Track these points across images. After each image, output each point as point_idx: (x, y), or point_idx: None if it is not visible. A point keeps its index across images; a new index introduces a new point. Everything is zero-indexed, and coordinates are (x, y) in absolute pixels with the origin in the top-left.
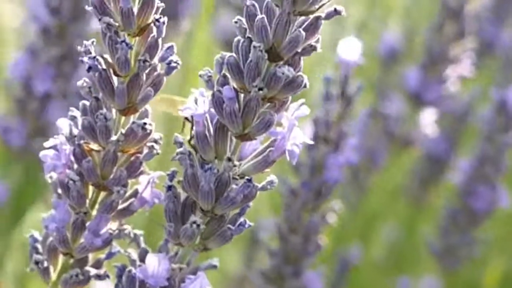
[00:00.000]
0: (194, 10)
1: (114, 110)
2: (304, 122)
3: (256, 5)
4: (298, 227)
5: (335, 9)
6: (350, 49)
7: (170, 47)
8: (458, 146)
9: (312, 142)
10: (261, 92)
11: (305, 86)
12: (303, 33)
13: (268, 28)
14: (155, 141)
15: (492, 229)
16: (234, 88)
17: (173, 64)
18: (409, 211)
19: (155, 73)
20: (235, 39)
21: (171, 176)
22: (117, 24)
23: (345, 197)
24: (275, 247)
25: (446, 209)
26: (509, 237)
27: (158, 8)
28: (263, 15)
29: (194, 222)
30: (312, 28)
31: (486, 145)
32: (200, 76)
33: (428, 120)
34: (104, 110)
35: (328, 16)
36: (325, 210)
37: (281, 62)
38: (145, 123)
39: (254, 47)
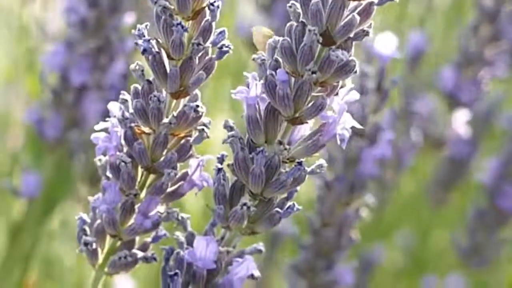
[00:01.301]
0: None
1: (165, 94)
2: None
3: None
4: (331, 221)
5: None
6: (386, 43)
7: (222, 32)
8: (481, 147)
9: (362, 127)
10: (314, 75)
11: (356, 71)
12: (357, 17)
13: (323, 12)
14: (205, 125)
15: None
16: (287, 71)
17: (225, 49)
18: (430, 213)
19: (207, 57)
20: (288, 24)
21: (221, 159)
22: (172, 7)
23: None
24: (307, 241)
25: (473, 208)
26: None
27: None
28: (318, 0)
29: (245, 204)
30: (365, 13)
31: None
32: (253, 59)
33: (461, 121)
34: (157, 93)
35: (381, 2)
36: (358, 204)
37: (334, 46)
38: (197, 106)
39: (309, 30)
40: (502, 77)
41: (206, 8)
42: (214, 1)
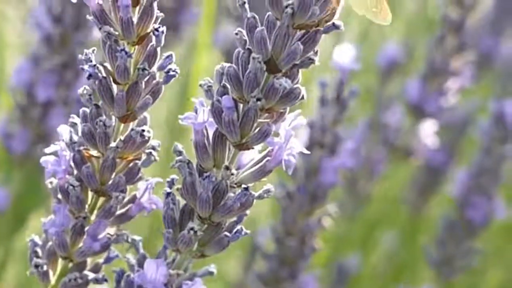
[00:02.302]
0: (195, 20)
1: (113, 117)
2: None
3: (257, 17)
4: (294, 230)
5: (333, 24)
6: (345, 55)
7: (169, 56)
8: (457, 156)
9: (308, 152)
10: (259, 102)
11: (302, 98)
12: (301, 46)
13: (268, 40)
14: (153, 148)
15: (489, 240)
16: (233, 98)
17: (172, 73)
18: (408, 220)
19: (154, 81)
20: (236, 50)
21: (170, 183)
22: (117, 33)
23: (343, 206)
24: (272, 250)
25: (444, 219)
26: (506, 248)
27: (157, 17)
28: (263, 27)
29: (192, 229)
30: (311, 41)
31: (484, 157)
32: (200, 86)
33: (428, 132)
34: (104, 117)
35: (327, 30)
36: (320, 213)
37: (280, 74)
38: (143, 130)
39: (253, 58)
40: (468, 87)
41: (151, 34)
42: (159, 27)
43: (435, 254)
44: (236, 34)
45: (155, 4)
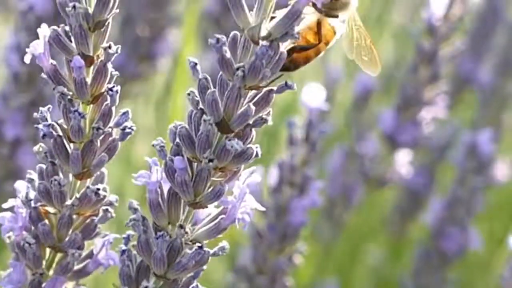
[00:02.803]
0: (171, 50)
1: (70, 174)
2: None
3: (209, 78)
4: (265, 268)
5: (286, 83)
6: (314, 95)
7: (125, 113)
8: (436, 181)
9: (263, 209)
10: (211, 163)
11: (256, 155)
12: (253, 108)
13: (219, 101)
14: (111, 203)
15: (462, 270)
16: (187, 157)
17: (128, 130)
18: (389, 245)
19: (110, 139)
20: (189, 110)
21: (126, 240)
22: (71, 93)
23: (320, 233)
24: None
25: (419, 248)
26: (478, 278)
27: (112, 76)
28: (215, 89)
29: (146, 287)
30: (264, 101)
31: (458, 187)
32: (153, 145)
33: (403, 161)
34: (59, 176)
35: (280, 90)
36: (291, 251)
37: (232, 134)
38: (98, 189)
39: (204, 120)
40: (442, 118)
41: (106, 93)
42: (113, 87)
43: (410, 283)
44: (188, 94)
45: (109, 64)
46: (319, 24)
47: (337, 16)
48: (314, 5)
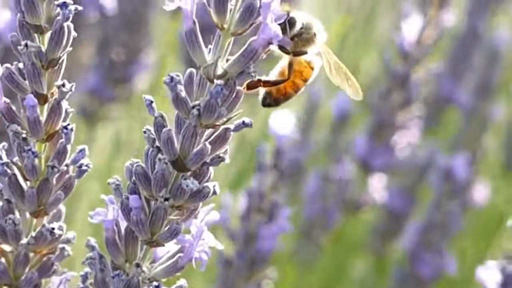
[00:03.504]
0: (147, 71)
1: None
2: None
3: (165, 116)
4: None
5: (243, 122)
6: (283, 122)
7: (82, 150)
8: (416, 202)
9: (221, 247)
10: (167, 202)
11: (215, 193)
12: (209, 147)
13: (175, 140)
14: (68, 241)
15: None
16: (144, 195)
17: (84, 168)
18: (372, 262)
19: (66, 176)
20: (146, 147)
21: (84, 278)
22: (25, 131)
23: (299, 255)
24: None
25: (396, 272)
26: None
27: (67, 114)
28: (170, 128)
29: None
30: (220, 139)
31: (434, 212)
32: (109, 184)
33: (377, 185)
34: (14, 215)
35: (237, 129)
36: (260, 278)
37: (188, 173)
38: (53, 228)
39: (159, 159)
40: (415, 142)
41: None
42: (67, 125)
43: None
44: (144, 132)
45: (63, 103)
46: (290, 63)
47: (305, 53)
48: (280, 46)
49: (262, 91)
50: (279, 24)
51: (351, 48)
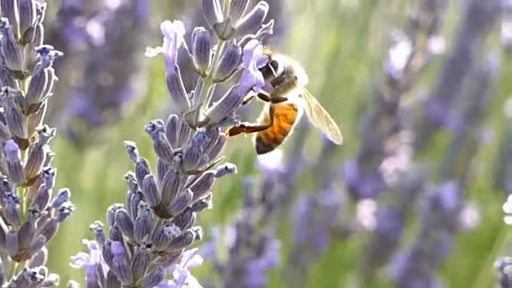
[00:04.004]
0: (135, 97)
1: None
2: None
3: (147, 162)
4: None
5: (226, 167)
6: (271, 157)
7: (64, 193)
8: (407, 223)
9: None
10: (149, 249)
11: (198, 238)
12: (191, 193)
13: (157, 187)
14: (50, 283)
15: None
16: (126, 241)
17: (66, 211)
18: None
19: (48, 220)
20: (128, 192)
21: None
22: (5, 176)
23: (287, 280)
24: None
25: None
26: None
27: (48, 158)
28: (151, 175)
29: None
30: (203, 185)
31: (422, 240)
32: (91, 229)
33: (365, 212)
34: None
35: (220, 174)
36: None
37: (171, 219)
38: (34, 273)
39: (141, 206)
40: (404, 169)
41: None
42: (49, 169)
43: None
44: (126, 178)
45: (44, 147)
46: (271, 109)
47: (285, 99)
48: (260, 94)
49: (253, 140)
50: (261, 69)
51: (344, 61)
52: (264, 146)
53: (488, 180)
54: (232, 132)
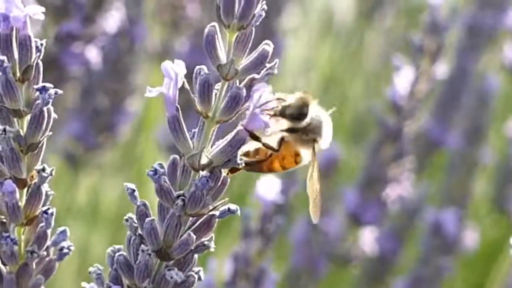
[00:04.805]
0: (131, 120)
1: None
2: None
3: (148, 204)
4: None
5: (229, 209)
6: (269, 188)
7: (63, 232)
8: (405, 245)
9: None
10: None
11: (199, 279)
12: (193, 237)
13: (158, 230)
14: None
15: None
16: (126, 284)
17: (65, 250)
18: None
19: (47, 259)
20: (127, 234)
21: None
22: (3, 216)
23: None
24: None
25: None
26: None
27: (47, 197)
28: (153, 218)
29: None
30: (205, 227)
31: (422, 266)
32: (89, 273)
33: (367, 239)
34: None
35: (222, 215)
36: None
37: (172, 262)
38: None
39: (143, 250)
40: (407, 196)
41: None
42: (48, 209)
43: None
44: (126, 220)
45: (43, 187)
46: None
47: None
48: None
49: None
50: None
51: (339, 79)
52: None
53: (488, 201)
54: (233, 171)
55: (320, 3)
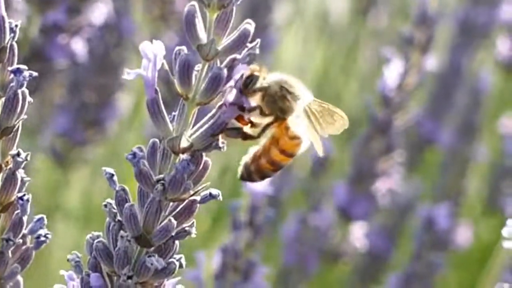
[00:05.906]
0: (119, 115)
1: None
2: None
3: (127, 189)
4: None
5: (210, 194)
6: None
7: (40, 219)
8: (398, 242)
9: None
10: (130, 280)
11: (181, 267)
12: (174, 222)
13: (138, 215)
14: None
15: None
16: (106, 272)
17: (42, 239)
18: None
19: (23, 248)
20: (107, 220)
21: None
22: None
23: None
24: None
25: None
26: None
27: (23, 183)
28: (132, 203)
29: None
30: (187, 212)
31: (415, 262)
32: (68, 260)
33: (357, 234)
34: None
35: (204, 201)
36: None
37: (152, 249)
38: None
39: (122, 236)
40: (397, 191)
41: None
42: (23, 195)
43: None
44: (105, 206)
45: (18, 173)
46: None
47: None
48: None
49: (240, 168)
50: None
51: (333, 77)
52: (249, 177)
53: (481, 198)
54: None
55: (314, 2)
